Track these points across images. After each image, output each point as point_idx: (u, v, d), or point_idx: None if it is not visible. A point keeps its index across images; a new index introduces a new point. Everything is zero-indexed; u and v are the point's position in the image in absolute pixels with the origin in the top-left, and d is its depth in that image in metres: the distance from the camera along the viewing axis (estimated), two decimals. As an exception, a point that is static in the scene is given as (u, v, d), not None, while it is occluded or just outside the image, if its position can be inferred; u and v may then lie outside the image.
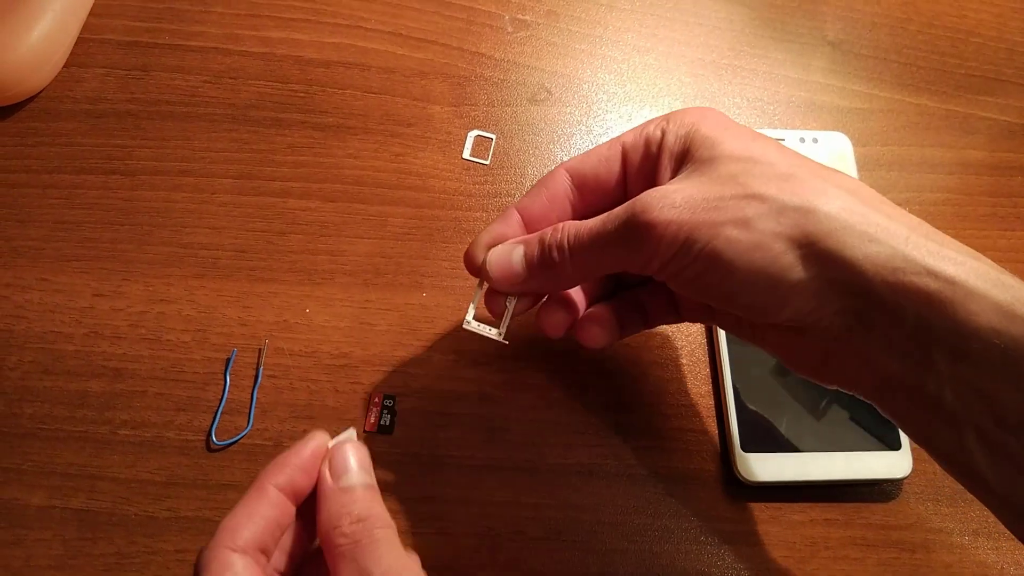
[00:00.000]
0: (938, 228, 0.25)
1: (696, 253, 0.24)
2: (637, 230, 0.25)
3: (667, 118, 0.28)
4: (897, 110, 0.44)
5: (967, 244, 0.30)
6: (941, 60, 0.45)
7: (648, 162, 0.28)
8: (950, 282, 0.22)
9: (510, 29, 0.44)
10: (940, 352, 0.22)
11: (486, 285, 0.30)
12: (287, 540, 0.25)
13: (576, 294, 0.32)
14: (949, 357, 0.22)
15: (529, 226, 0.30)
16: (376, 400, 0.35)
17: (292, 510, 0.25)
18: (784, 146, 0.27)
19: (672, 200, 0.25)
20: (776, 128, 0.43)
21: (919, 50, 0.45)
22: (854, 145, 0.41)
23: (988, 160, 0.43)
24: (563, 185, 0.30)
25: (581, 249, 0.27)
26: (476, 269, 0.30)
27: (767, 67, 0.44)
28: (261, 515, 0.24)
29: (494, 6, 0.44)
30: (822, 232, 0.23)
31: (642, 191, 0.26)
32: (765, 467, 0.34)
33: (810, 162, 0.26)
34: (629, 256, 0.26)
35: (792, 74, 0.44)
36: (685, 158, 0.27)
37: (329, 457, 0.25)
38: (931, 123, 0.44)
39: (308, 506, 0.25)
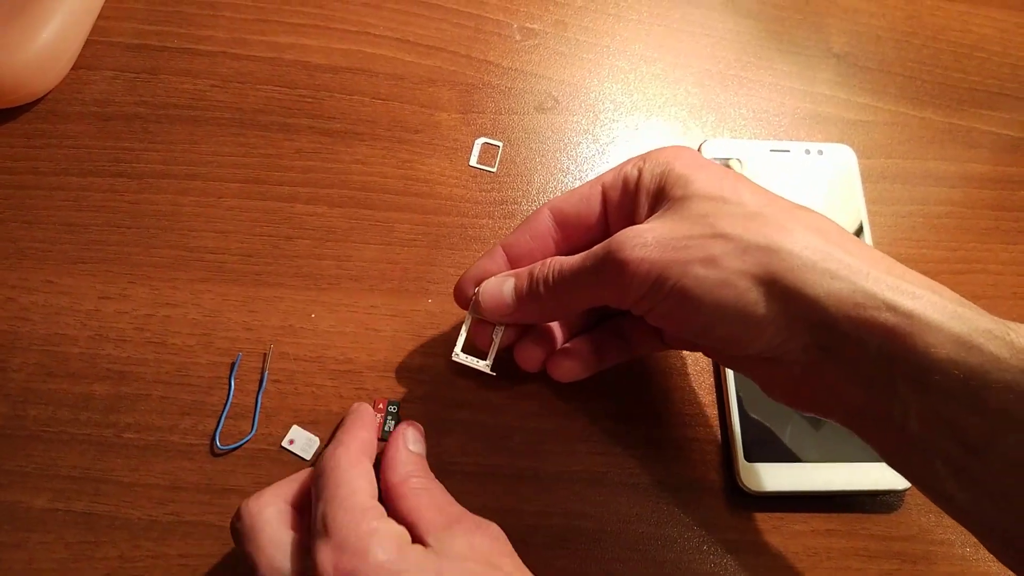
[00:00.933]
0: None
1: (667, 290, 0.26)
2: (612, 267, 0.27)
3: (644, 158, 0.30)
4: (901, 123, 0.44)
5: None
6: (945, 74, 0.46)
7: (627, 200, 0.30)
8: (908, 316, 0.23)
9: (518, 38, 0.44)
10: (903, 382, 0.24)
11: (471, 320, 0.33)
12: None
13: (556, 329, 0.34)
14: (912, 387, 0.23)
15: (513, 263, 0.32)
16: (380, 406, 0.35)
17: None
18: (756, 184, 0.28)
19: (644, 239, 0.26)
20: (781, 139, 0.43)
21: (923, 64, 0.46)
22: (858, 157, 0.41)
23: (991, 174, 0.43)
24: (546, 224, 0.31)
25: (563, 284, 0.29)
26: (465, 301, 0.32)
27: (773, 78, 0.44)
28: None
29: (503, 15, 0.44)
30: (784, 269, 0.25)
31: (622, 228, 0.28)
32: (768, 477, 0.34)
33: (780, 200, 0.27)
34: (606, 291, 0.28)
35: (797, 86, 0.44)
36: (660, 196, 0.28)
37: (403, 430, 0.32)
38: (935, 136, 0.44)
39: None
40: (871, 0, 0.47)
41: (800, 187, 0.40)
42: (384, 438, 0.34)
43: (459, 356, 0.33)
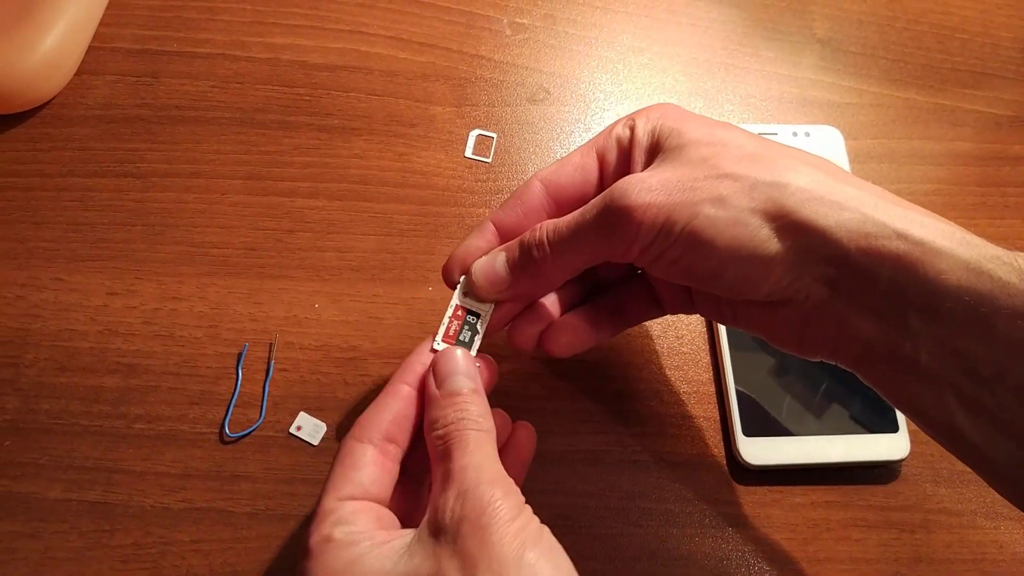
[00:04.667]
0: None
1: (677, 234, 0.25)
2: (616, 216, 0.26)
3: (632, 116, 0.29)
4: (886, 104, 0.45)
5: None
6: (928, 56, 0.47)
7: (622, 160, 0.29)
8: (919, 243, 0.23)
9: (508, 32, 0.45)
10: (913, 312, 0.23)
11: (452, 308, 0.30)
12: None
13: (548, 305, 0.32)
14: (922, 317, 0.23)
15: (504, 239, 0.30)
16: (459, 313, 0.31)
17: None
18: (746, 130, 0.28)
19: (648, 184, 0.25)
20: (769, 123, 0.44)
21: (906, 46, 0.47)
22: (845, 139, 0.42)
23: (976, 151, 0.44)
24: (537, 196, 0.30)
25: (561, 243, 0.27)
26: (453, 282, 0.31)
27: (759, 65, 0.45)
28: (388, 409, 0.27)
29: (492, 10, 0.45)
30: (795, 204, 0.24)
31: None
32: (766, 451, 0.35)
33: (775, 143, 0.27)
34: (610, 243, 0.27)
35: (783, 71, 0.45)
36: (656, 149, 0.28)
37: (433, 363, 0.28)
38: (920, 116, 0.45)
39: None
40: (853, -14, 0.48)
41: None
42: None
43: (440, 347, 0.29)
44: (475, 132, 0.42)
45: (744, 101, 0.44)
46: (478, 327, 0.30)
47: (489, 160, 0.41)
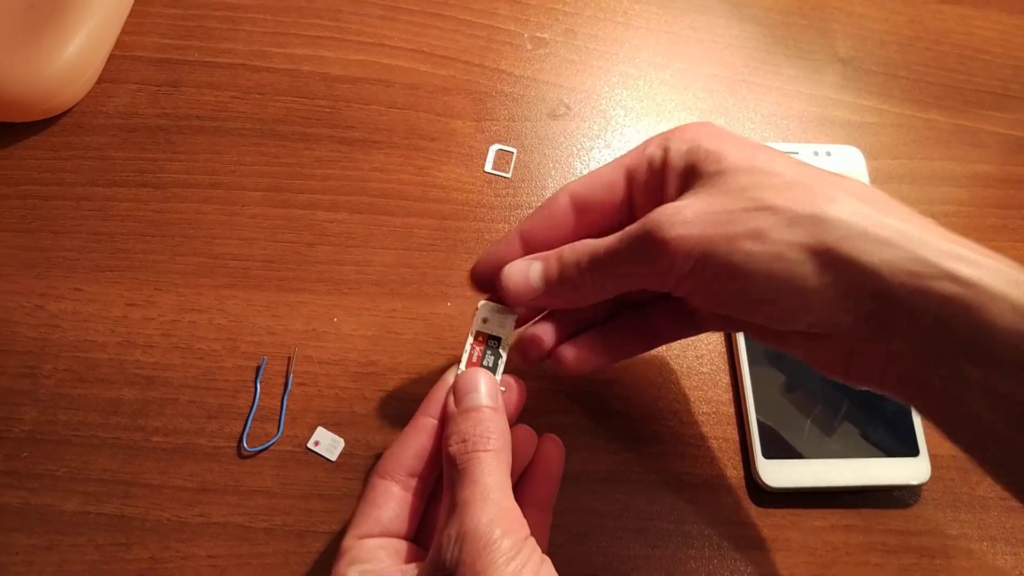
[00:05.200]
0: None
1: (714, 268, 0.25)
2: (652, 247, 0.25)
3: (667, 136, 0.28)
4: (907, 124, 0.45)
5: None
6: (950, 76, 0.46)
7: (653, 181, 0.28)
8: (968, 285, 0.22)
9: (529, 47, 0.45)
10: (961, 354, 0.23)
11: (474, 332, 0.30)
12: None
13: (566, 320, 0.31)
14: (969, 358, 0.23)
15: (529, 249, 0.30)
16: (480, 339, 0.32)
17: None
18: (787, 155, 0.27)
19: (684, 216, 0.25)
20: (790, 142, 0.44)
21: (928, 66, 0.46)
22: (866, 158, 0.42)
23: (998, 173, 0.44)
24: (564, 208, 0.30)
25: (598, 267, 0.27)
26: (481, 282, 0.31)
27: (780, 83, 0.45)
28: (411, 444, 0.27)
29: (514, 25, 0.45)
30: (836, 239, 0.23)
31: (649, 210, 0.26)
32: (786, 473, 0.35)
33: (815, 169, 0.26)
34: (645, 274, 0.27)
35: (804, 89, 0.45)
36: (691, 174, 0.27)
37: (454, 383, 0.28)
38: (941, 137, 0.45)
39: None
40: (875, 5, 0.48)
41: None
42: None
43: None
44: (495, 147, 0.42)
45: (765, 119, 0.44)
46: (500, 351, 0.30)
47: (509, 175, 0.41)
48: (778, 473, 0.35)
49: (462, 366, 0.29)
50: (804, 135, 0.44)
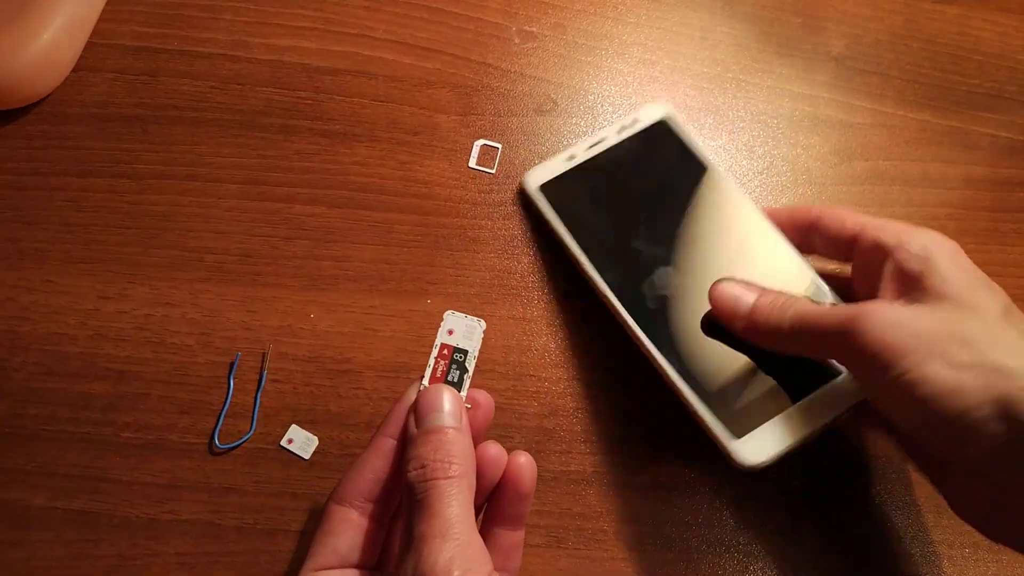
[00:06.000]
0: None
1: (895, 377, 0.26)
2: (854, 338, 0.28)
3: (907, 232, 0.31)
4: (900, 125, 0.44)
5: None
6: (943, 77, 0.46)
7: (874, 259, 0.31)
8: None
9: (517, 40, 0.44)
10: None
11: (438, 344, 0.28)
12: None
13: None
14: None
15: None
16: (446, 352, 0.31)
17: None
18: (1003, 294, 0.29)
19: (892, 320, 0.27)
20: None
21: (921, 67, 0.46)
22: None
23: (990, 176, 0.43)
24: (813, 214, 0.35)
25: (800, 328, 0.30)
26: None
27: (772, 81, 0.45)
28: (370, 467, 0.26)
29: (501, 18, 0.45)
30: (1020, 396, 0.25)
31: (861, 284, 0.31)
32: (763, 443, 0.32)
33: (1021, 315, 0.28)
34: (835, 355, 0.30)
35: (796, 88, 0.44)
36: (915, 281, 0.29)
37: (415, 401, 0.27)
38: (933, 138, 0.44)
39: None
40: (869, 4, 0.47)
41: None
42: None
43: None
44: (480, 142, 0.41)
45: (755, 118, 0.43)
46: (467, 365, 0.28)
47: (493, 171, 0.41)
48: (755, 446, 0.32)
49: (425, 382, 0.27)
50: (794, 135, 0.43)
